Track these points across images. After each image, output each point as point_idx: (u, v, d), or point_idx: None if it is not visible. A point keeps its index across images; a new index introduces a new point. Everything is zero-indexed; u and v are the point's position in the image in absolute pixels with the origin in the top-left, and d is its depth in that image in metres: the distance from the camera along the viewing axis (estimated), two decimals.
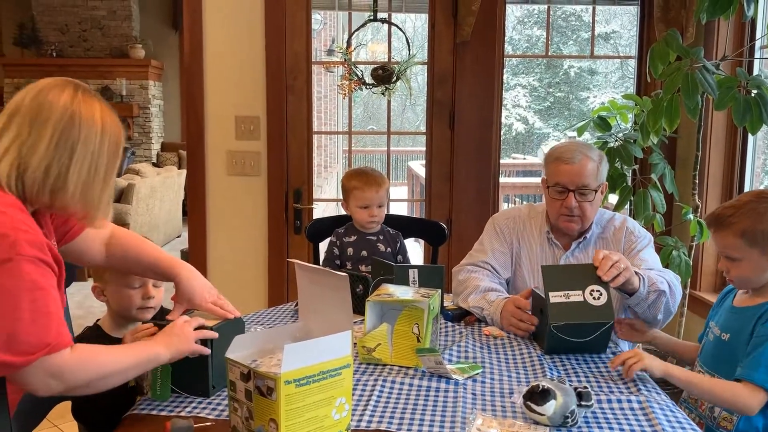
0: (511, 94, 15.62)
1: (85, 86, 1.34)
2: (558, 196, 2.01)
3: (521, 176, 10.05)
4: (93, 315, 1.47)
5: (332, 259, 2.37)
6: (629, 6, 3.36)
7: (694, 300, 2.93)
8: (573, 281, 1.61)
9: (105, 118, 1.32)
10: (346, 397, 1.22)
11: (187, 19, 3.04)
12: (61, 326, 1.21)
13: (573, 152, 2.01)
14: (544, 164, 2.11)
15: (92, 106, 1.31)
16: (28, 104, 1.28)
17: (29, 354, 1.16)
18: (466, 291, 2.04)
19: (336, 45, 6.74)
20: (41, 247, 1.21)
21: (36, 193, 1.27)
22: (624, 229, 2.07)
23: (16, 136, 1.26)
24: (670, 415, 1.38)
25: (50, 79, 1.33)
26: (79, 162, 1.28)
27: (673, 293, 1.86)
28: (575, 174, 1.98)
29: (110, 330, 1.71)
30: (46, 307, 1.19)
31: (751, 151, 2.91)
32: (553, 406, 1.29)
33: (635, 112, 2.95)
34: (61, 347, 1.20)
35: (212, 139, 3.09)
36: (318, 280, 1.66)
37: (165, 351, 1.35)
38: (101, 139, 1.31)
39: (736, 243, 1.59)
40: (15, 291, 1.16)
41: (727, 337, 1.65)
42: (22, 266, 1.17)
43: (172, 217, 7.48)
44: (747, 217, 1.57)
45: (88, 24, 9.09)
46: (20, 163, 1.25)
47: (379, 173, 2.39)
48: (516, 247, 2.13)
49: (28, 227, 1.21)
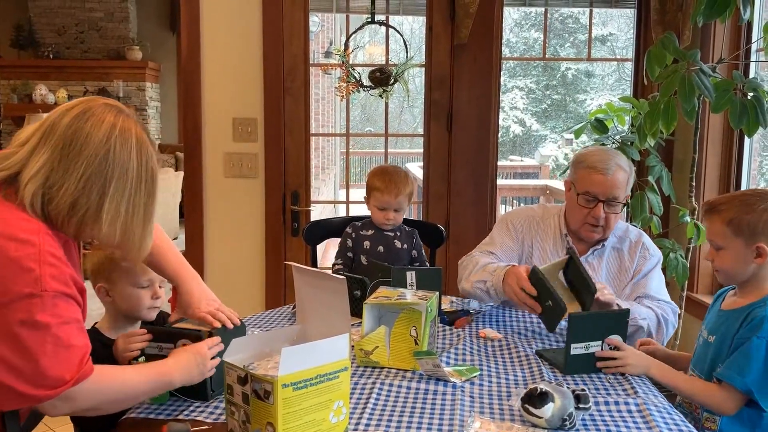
0: (509, 97, 15.65)
1: (127, 111, 1.28)
2: (586, 204, 1.99)
3: (518, 178, 10.07)
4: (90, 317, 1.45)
5: (344, 251, 2.34)
6: (626, 9, 3.37)
7: (691, 302, 2.93)
8: (596, 331, 1.62)
9: (141, 155, 1.27)
10: (343, 401, 1.22)
11: (184, 20, 3.03)
12: (84, 358, 1.21)
13: (608, 162, 1.96)
14: (572, 167, 2.06)
15: (129, 139, 1.25)
16: (65, 127, 1.22)
17: (52, 388, 1.16)
18: (467, 271, 2.01)
19: (333, 47, 6.74)
20: (66, 281, 1.19)
21: (60, 224, 1.24)
22: (640, 245, 2.07)
23: (47, 160, 1.21)
24: (668, 417, 1.38)
25: (92, 101, 1.27)
26: (115, 201, 1.24)
27: (661, 328, 1.88)
28: (608, 185, 1.96)
29: (108, 332, 1.71)
30: (68, 341, 1.18)
31: (748, 154, 2.92)
32: (551, 409, 1.29)
33: (632, 115, 2.95)
34: (83, 379, 1.20)
35: (209, 141, 3.08)
36: (315, 283, 1.66)
37: (179, 380, 1.34)
38: (137, 178, 1.26)
39: (722, 230, 1.60)
40: (39, 327, 1.15)
41: (713, 339, 1.66)
42: (46, 302, 1.15)
43: (169, 219, 7.47)
44: (737, 206, 1.59)
45: (85, 26, 9.08)
46: (44, 192, 1.21)
47: (403, 177, 2.31)
48: (528, 245, 2.12)
49: (54, 260, 1.18)
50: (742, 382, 1.51)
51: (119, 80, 9.04)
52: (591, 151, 2.05)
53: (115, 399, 1.28)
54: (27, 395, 1.15)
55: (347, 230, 2.36)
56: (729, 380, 1.53)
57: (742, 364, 1.52)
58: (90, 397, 1.23)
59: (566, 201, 2.09)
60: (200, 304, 1.51)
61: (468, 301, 2.22)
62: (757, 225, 1.56)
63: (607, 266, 2.07)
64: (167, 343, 1.44)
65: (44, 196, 1.21)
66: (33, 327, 1.15)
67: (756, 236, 1.56)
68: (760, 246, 1.56)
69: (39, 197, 1.21)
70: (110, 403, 1.28)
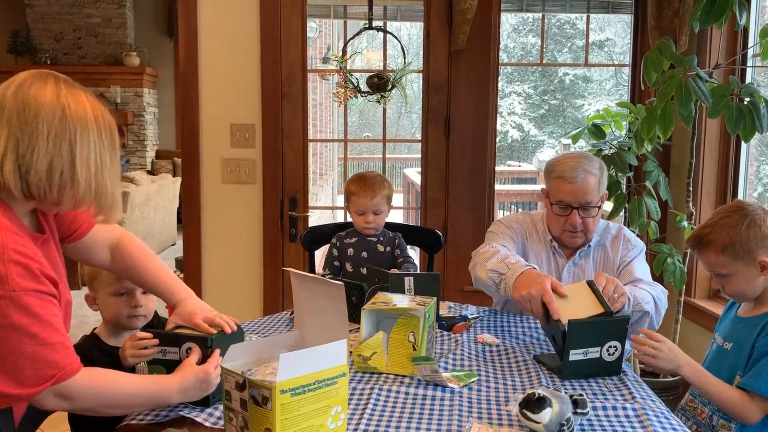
0: (507, 102, 15.68)
1: (65, 77, 1.30)
2: (561, 213, 2.01)
3: (517, 183, 10.08)
4: (87, 324, 1.46)
5: (331, 260, 2.38)
6: (623, 14, 3.38)
7: (689, 307, 2.94)
8: (595, 337, 1.61)
9: (95, 109, 1.29)
10: (341, 406, 1.22)
11: (182, 27, 3.04)
12: (67, 355, 1.22)
13: (575, 170, 1.98)
14: (545, 177, 2.09)
15: (79, 97, 1.27)
16: (10, 100, 1.22)
17: (35, 386, 1.18)
18: (485, 256, 1.95)
19: (331, 53, 6.76)
20: (35, 276, 1.19)
21: (43, 193, 1.24)
22: (621, 237, 2.10)
23: (9, 135, 1.21)
24: (665, 422, 1.38)
25: (25, 72, 1.28)
26: (84, 155, 1.25)
27: (658, 309, 1.88)
28: (578, 193, 1.97)
29: (107, 338, 1.71)
30: (48, 339, 1.19)
31: (745, 159, 2.92)
32: (548, 414, 1.29)
33: (629, 120, 2.96)
34: (67, 376, 1.21)
35: (207, 147, 3.08)
36: (313, 288, 1.66)
37: (178, 398, 1.35)
38: (98, 131, 1.28)
39: (720, 260, 1.61)
40: (14, 328, 1.15)
41: (729, 346, 1.66)
42: (19, 302, 1.16)
43: (167, 225, 7.46)
44: (723, 232, 1.59)
45: (82, 31, 9.09)
46: (20, 164, 1.21)
47: (379, 180, 2.34)
48: (525, 247, 2.13)
49: (19, 256, 1.18)
50: None
51: (117, 86, 9.04)
52: (559, 160, 2.05)
53: (113, 404, 1.29)
54: (11, 395, 1.17)
55: (333, 240, 2.40)
56: (759, 390, 1.52)
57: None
58: (88, 397, 1.25)
59: (545, 209, 2.10)
60: (196, 310, 1.51)
61: (466, 307, 2.22)
62: (749, 243, 1.57)
63: (594, 263, 2.10)
64: (172, 347, 1.43)
65: (21, 168, 1.21)
66: (9, 329, 1.15)
67: (753, 252, 1.57)
68: (761, 261, 1.57)
69: (17, 172, 1.21)
70: (107, 407, 1.29)
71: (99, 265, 1.60)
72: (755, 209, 1.61)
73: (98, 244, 1.55)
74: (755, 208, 1.62)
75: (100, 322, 1.75)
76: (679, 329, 2.82)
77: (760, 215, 1.59)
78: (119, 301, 1.67)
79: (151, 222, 6.89)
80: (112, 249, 1.57)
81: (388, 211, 2.39)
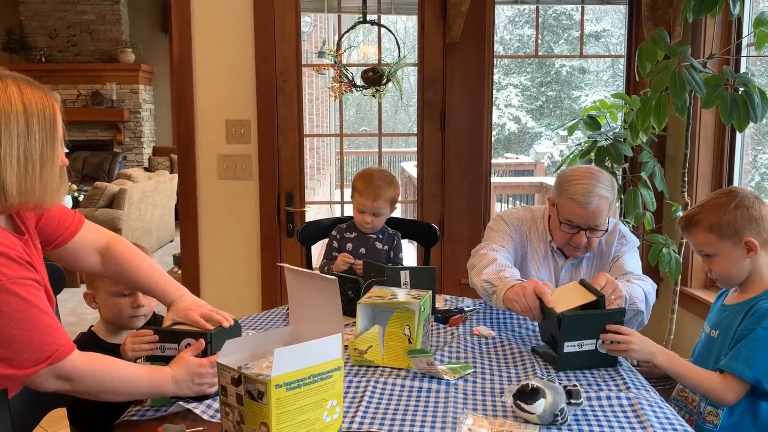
0: (503, 94, 15.67)
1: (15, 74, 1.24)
2: (568, 230, 2.00)
3: (514, 176, 10.08)
4: (85, 322, 1.46)
5: (330, 252, 2.38)
6: (619, 5, 3.38)
7: (685, 296, 2.95)
8: (590, 330, 1.62)
9: (26, 97, 1.21)
10: (337, 400, 1.23)
11: (175, 23, 3.03)
12: (59, 337, 1.23)
13: (589, 195, 1.93)
14: (555, 189, 2.04)
15: (6, 88, 1.20)
16: None
17: (31, 366, 1.20)
18: (483, 262, 1.96)
19: (326, 47, 6.75)
20: (20, 264, 1.20)
21: None
22: (616, 232, 2.09)
23: None
24: (659, 411, 1.39)
25: None
26: (7, 153, 1.19)
27: (648, 305, 1.89)
28: (589, 217, 1.96)
29: (104, 336, 1.71)
30: (40, 324, 1.21)
31: (740, 148, 2.93)
32: (542, 405, 1.30)
33: (624, 111, 2.97)
34: (63, 356, 1.23)
35: (203, 143, 3.08)
36: (308, 283, 1.66)
37: (173, 388, 1.37)
38: (27, 121, 1.21)
39: (706, 238, 1.63)
40: (4, 316, 1.17)
41: (716, 334, 1.67)
42: (8, 290, 1.17)
43: (164, 222, 7.46)
44: (711, 211, 1.62)
45: (77, 29, 9.07)
46: None
47: (386, 183, 2.30)
48: (524, 245, 2.13)
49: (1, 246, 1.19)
50: (750, 373, 1.52)
51: (112, 83, 9.03)
52: (573, 178, 1.99)
53: (111, 389, 1.32)
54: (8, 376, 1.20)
55: (333, 232, 2.41)
56: (736, 372, 1.53)
57: (748, 355, 1.53)
58: (88, 379, 1.28)
59: (551, 216, 2.09)
60: (192, 307, 1.52)
61: (462, 299, 2.23)
62: (736, 222, 1.59)
63: (588, 259, 2.11)
64: (170, 344, 1.45)
65: None
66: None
67: (740, 233, 1.59)
68: (747, 240, 1.58)
69: None
70: (106, 392, 1.32)
71: (88, 269, 1.59)
72: (746, 193, 1.63)
73: (85, 249, 1.54)
74: (746, 192, 1.64)
75: (98, 320, 1.76)
76: (675, 319, 2.83)
77: (750, 198, 1.61)
78: (122, 301, 1.67)
79: (148, 219, 6.89)
80: (102, 253, 1.56)
81: (390, 213, 2.39)
